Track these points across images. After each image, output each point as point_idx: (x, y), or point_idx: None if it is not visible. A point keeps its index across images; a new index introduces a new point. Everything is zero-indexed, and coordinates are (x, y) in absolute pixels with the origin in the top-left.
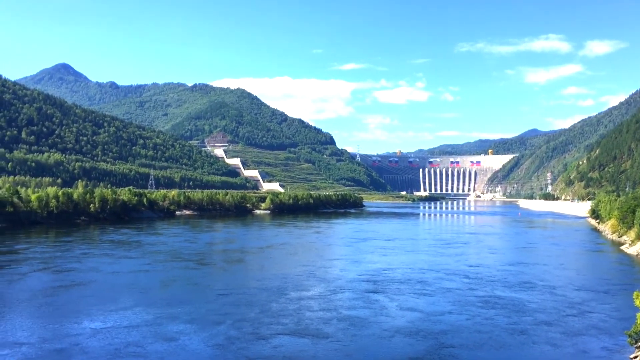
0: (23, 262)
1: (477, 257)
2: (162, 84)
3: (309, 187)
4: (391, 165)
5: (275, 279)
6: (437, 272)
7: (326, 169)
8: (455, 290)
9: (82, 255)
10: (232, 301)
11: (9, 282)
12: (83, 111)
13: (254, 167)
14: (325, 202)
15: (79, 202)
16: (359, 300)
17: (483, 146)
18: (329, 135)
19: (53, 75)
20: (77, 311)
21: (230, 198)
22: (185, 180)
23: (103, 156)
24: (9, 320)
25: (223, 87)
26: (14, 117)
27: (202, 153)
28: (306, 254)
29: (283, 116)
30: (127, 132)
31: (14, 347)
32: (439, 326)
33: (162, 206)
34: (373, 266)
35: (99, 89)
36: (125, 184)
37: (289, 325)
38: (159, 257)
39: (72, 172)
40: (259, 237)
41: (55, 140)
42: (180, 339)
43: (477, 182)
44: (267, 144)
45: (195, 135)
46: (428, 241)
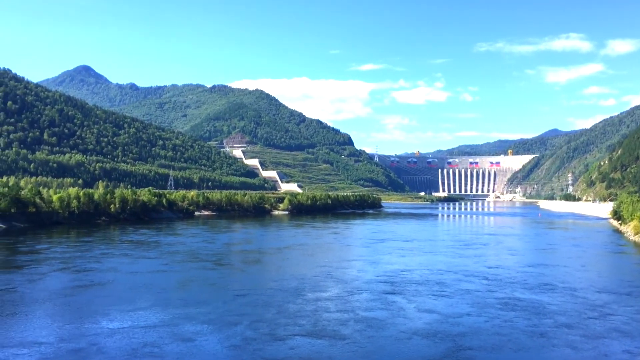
0: (43, 262)
1: (497, 258)
2: (182, 85)
3: (327, 188)
4: (409, 165)
5: (292, 280)
6: (455, 274)
7: (344, 170)
8: (474, 292)
9: (101, 255)
10: (249, 302)
11: (30, 281)
12: (104, 112)
13: (272, 167)
14: (343, 203)
15: (100, 202)
16: (376, 301)
17: (503, 146)
18: (347, 135)
19: (74, 77)
20: (95, 311)
21: (249, 199)
22: (204, 181)
23: (123, 157)
24: (29, 319)
25: (241, 88)
26: (36, 119)
27: (221, 154)
28: (324, 255)
29: (301, 117)
30: (147, 133)
31: (32, 347)
32: (457, 328)
33: (182, 207)
34: (391, 267)
35: (119, 91)
36: (145, 185)
37: (306, 326)
38: (177, 257)
39: (93, 173)
40: (276, 237)
41: (77, 142)
42: (197, 340)
43: (497, 182)
44: (285, 144)
45: (214, 136)
46: (446, 242)
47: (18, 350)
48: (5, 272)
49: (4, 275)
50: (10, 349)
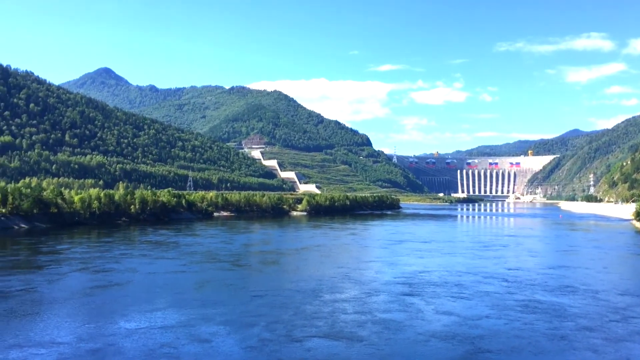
0: (63, 262)
1: (517, 260)
2: (201, 87)
3: (345, 189)
4: (428, 166)
5: (309, 281)
6: (474, 275)
7: (362, 171)
8: (493, 294)
9: (120, 255)
10: (266, 303)
11: (49, 281)
12: (124, 114)
13: (291, 168)
14: (361, 204)
15: (120, 203)
16: (394, 303)
17: (522, 147)
18: (365, 136)
19: (95, 79)
20: (113, 311)
21: (267, 200)
22: (222, 182)
23: (143, 158)
24: (48, 319)
25: (260, 90)
26: (58, 121)
27: (240, 155)
28: (341, 256)
29: (319, 118)
30: (167, 135)
31: (51, 347)
32: (476, 331)
33: (201, 207)
34: (409, 268)
35: (139, 92)
36: (164, 186)
37: (323, 327)
38: (195, 258)
39: (114, 174)
40: (294, 238)
41: (98, 143)
42: (214, 341)
43: (517, 183)
44: (303, 145)
45: (233, 138)
46: (465, 243)
47: (37, 350)
48: (26, 272)
49: (24, 276)
50: (29, 348)
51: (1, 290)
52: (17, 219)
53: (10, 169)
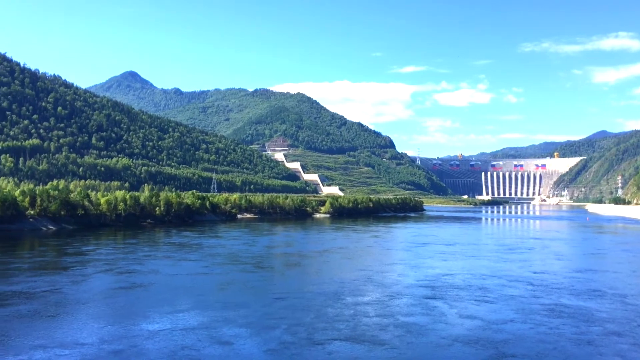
0: (88, 263)
1: (542, 263)
2: (224, 89)
3: (368, 191)
4: (452, 168)
5: (331, 284)
6: (499, 279)
7: (386, 173)
8: (518, 298)
9: (144, 257)
10: (288, 305)
11: (74, 282)
12: (149, 117)
13: (314, 170)
14: (384, 206)
15: (145, 205)
16: (416, 306)
17: (548, 149)
18: (388, 138)
19: (121, 82)
20: (136, 313)
21: (290, 202)
22: (246, 184)
23: (168, 161)
24: (71, 320)
25: (283, 92)
26: (85, 124)
27: (263, 157)
28: (364, 259)
29: (342, 120)
30: (191, 137)
31: (74, 347)
32: (500, 335)
33: (224, 209)
34: (432, 271)
35: (164, 96)
36: (188, 188)
37: (345, 331)
38: (217, 259)
39: (139, 176)
40: (317, 240)
41: (123, 146)
42: (235, 343)
43: (542, 185)
44: (326, 147)
45: (256, 140)
46: (490, 246)
47: (60, 350)
48: (52, 273)
49: (50, 277)
50: (53, 349)
51: (27, 291)
52: (45, 221)
53: (39, 172)
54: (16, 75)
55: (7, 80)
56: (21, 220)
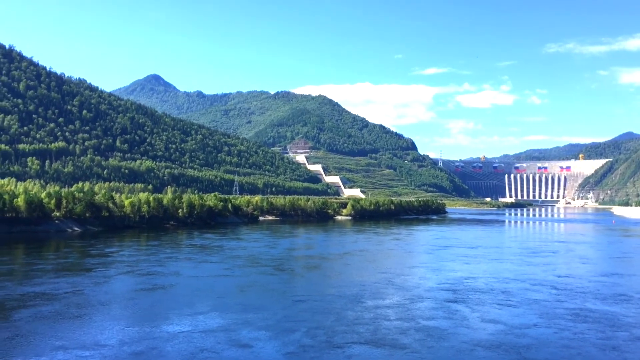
0: (111, 265)
1: (567, 267)
2: (246, 92)
3: (390, 193)
4: (475, 170)
5: (352, 286)
6: (522, 282)
7: (407, 175)
8: (541, 302)
9: (166, 259)
10: (308, 308)
11: (95, 284)
12: (172, 120)
13: (335, 173)
14: (406, 209)
15: (168, 207)
16: (438, 310)
17: (573, 150)
18: (410, 140)
19: (144, 85)
20: (156, 314)
21: (312, 204)
22: (268, 186)
23: (190, 163)
24: (91, 322)
25: (305, 94)
26: (109, 127)
27: (285, 159)
28: (385, 261)
29: (364, 122)
30: (213, 140)
31: (94, 349)
32: (523, 340)
33: (246, 212)
34: (454, 275)
35: (187, 98)
36: (211, 190)
37: (365, 334)
38: (238, 262)
39: (162, 179)
40: (338, 243)
41: (147, 148)
42: (254, 346)
43: (567, 188)
44: (348, 150)
45: (278, 142)
46: (513, 249)
47: (81, 352)
48: (74, 274)
49: (72, 278)
50: (73, 350)
51: (49, 292)
52: (71, 223)
53: (64, 174)
54: (42, 79)
55: (33, 84)
56: (47, 221)
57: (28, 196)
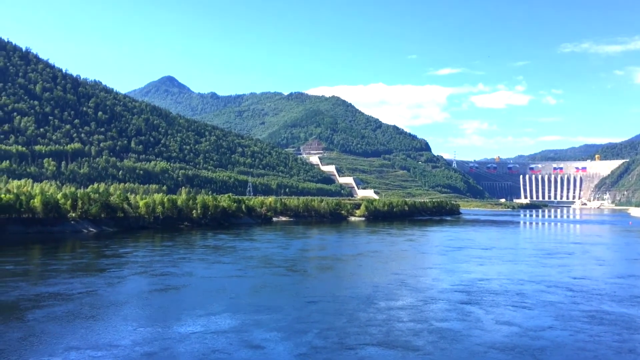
0: (124, 265)
1: (583, 268)
2: (260, 93)
3: (403, 194)
4: (489, 171)
5: (365, 288)
6: (537, 284)
7: (421, 176)
8: (557, 304)
9: (179, 259)
10: (320, 309)
11: (109, 284)
12: (186, 121)
13: (349, 174)
14: (420, 209)
15: (183, 208)
16: (451, 311)
17: (589, 151)
18: (424, 141)
19: (159, 87)
20: (169, 315)
21: (325, 205)
22: (281, 187)
23: (204, 164)
24: (105, 322)
25: (318, 95)
26: (124, 128)
27: (298, 160)
28: (398, 262)
29: (377, 123)
30: (227, 141)
31: (107, 349)
32: (538, 342)
33: (260, 212)
34: (468, 276)
35: (201, 100)
36: (225, 191)
37: (377, 335)
38: (251, 262)
39: (176, 180)
40: (351, 244)
41: (161, 149)
42: (266, 347)
43: (583, 189)
44: (361, 150)
45: (291, 143)
46: (528, 251)
47: (94, 352)
48: (88, 275)
49: (86, 278)
50: (86, 350)
51: (63, 292)
52: (86, 223)
53: (80, 175)
54: (58, 81)
55: (50, 86)
56: (63, 222)
57: (44, 197)
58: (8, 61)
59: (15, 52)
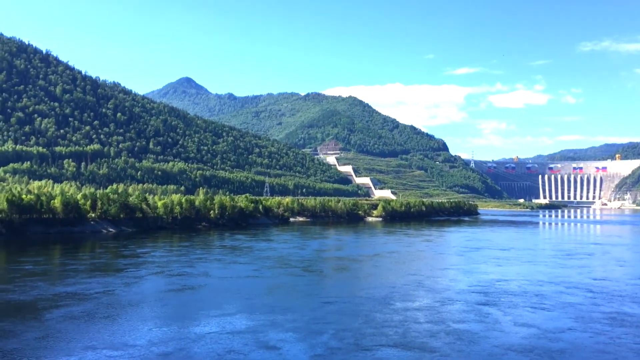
0: (142, 265)
1: (603, 269)
2: (277, 94)
3: (421, 194)
4: (507, 171)
5: (381, 288)
6: (556, 285)
7: (439, 176)
8: (576, 305)
9: (196, 260)
10: (336, 310)
11: (126, 284)
12: (204, 122)
13: (366, 174)
14: (437, 210)
15: (200, 208)
16: (468, 313)
17: (609, 151)
18: (441, 141)
19: (177, 88)
20: (184, 315)
21: (342, 205)
22: (298, 188)
23: (222, 164)
24: (121, 322)
25: (335, 96)
26: (143, 129)
27: (315, 161)
28: (415, 263)
29: (395, 123)
30: (244, 142)
31: (123, 349)
32: (557, 344)
33: (277, 213)
34: (486, 277)
35: (218, 101)
36: (242, 191)
37: (393, 337)
38: (267, 263)
39: (194, 180)
40: (368, 244)
41: (179, 150)
42: (281, 348)
43: (603, 189)
44: (378, 151)
45: (308, 144)
46: (547, 252)
47: (110, 352)
48: (106, 275)
49: (104, 278)
50: (102, 350)
51: (81, 292)
52: (106, 223)
53: (99, 176)
54: (78, 82)
55: (69, 88)
56: (83, 222)
57: (64, 198)
58: (29, 63)
59: (35, 54)
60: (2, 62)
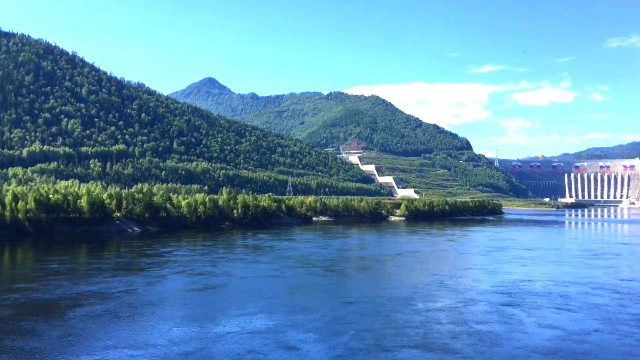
0: (164, 265)
1: (630, 270)
2: (299, 93)
3: (444, 194)
4: (532, 170)
5: (403, 288)
6: (582, 286)
7: (462, 175)
8: (602, 307)
9: (218, 259)
10: (357, 310)
11: (148, 284)
12: (227, 122)
13: (389, 173)
14: (461, 209)
15: (224, 208)
16: (492, 314)
17: (637, 149)
18: (465, 140)
19: (200, 88)
20: (205, 315)
21: (365, 204)
22: (321, 187)
23: (245, 164)
24: (142, 321)
25: (357, 95)
26: (167, 129)
27: (337, 160)
28: (438, 263)
29: (417, 122)
30: (267, 141)
31: (144, 348)
32: (583, 346)
33: (300, 212)
34: (509, 277)
35: (241, 100)
36: (265, 191)
37: (414, 338)
38: (289, 262)
39: (217, 180)
40: (391, 244)
41: (202, 150)
42: (302, 348)
43: (631, 188)
44: (401, 150)
45: (331, 143)
46: (573, 252)
47: (131, 351)
48: (129, 274)
49: (127, 278)
50: (123, 349)
51: (103, 291)
52: (131, 223)
53: (124, 176)
54: (103, 84)
55: (95, 89)
56: (108, 222)
57: (90, 197)
58: (55, 65)
59: (62, 56)
60: (30, 64)
